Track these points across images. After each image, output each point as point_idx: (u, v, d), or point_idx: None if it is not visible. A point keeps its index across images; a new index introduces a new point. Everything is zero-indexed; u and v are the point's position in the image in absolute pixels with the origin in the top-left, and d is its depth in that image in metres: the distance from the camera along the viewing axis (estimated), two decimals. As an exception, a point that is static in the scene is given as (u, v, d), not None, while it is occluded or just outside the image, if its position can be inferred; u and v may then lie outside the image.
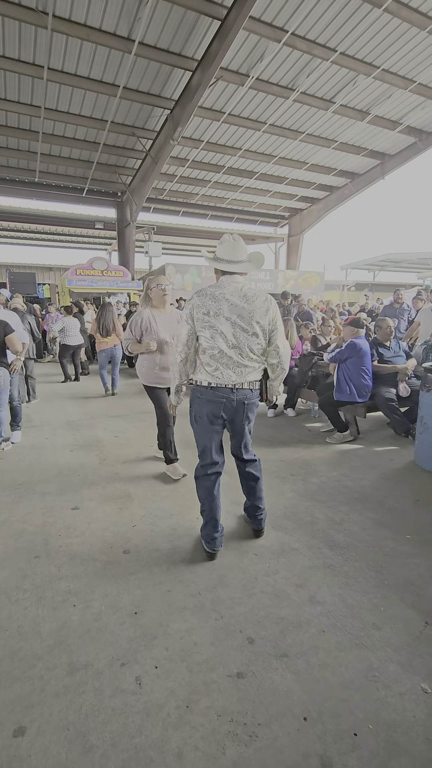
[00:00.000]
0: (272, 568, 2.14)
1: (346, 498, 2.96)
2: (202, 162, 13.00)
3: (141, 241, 16.35)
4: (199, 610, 1.84)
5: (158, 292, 3.23)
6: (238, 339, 2.08)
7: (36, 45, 7.58)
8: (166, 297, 3.25)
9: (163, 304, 3.29)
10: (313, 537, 2.45)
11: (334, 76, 9.48)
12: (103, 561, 2.19)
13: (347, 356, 4.06)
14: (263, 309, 2.11)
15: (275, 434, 4.46)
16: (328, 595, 1.95)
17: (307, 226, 17.42)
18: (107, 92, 8.93)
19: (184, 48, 8.09)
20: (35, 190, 13.03)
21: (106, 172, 12.69)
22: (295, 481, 3.23)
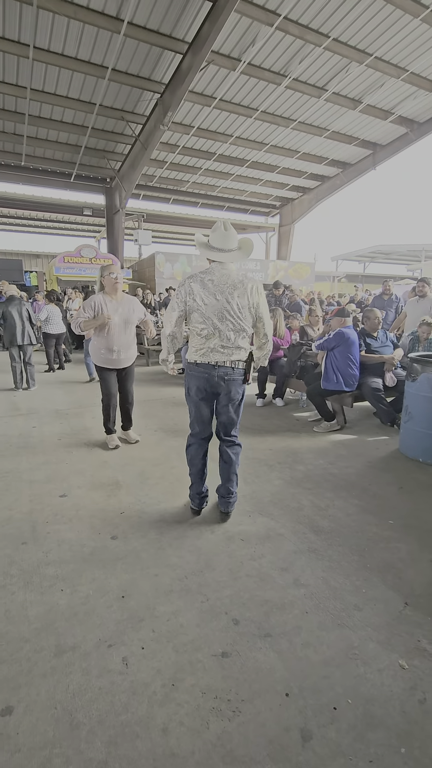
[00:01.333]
0: (258, 553, 2.18)
1: (332, 485, 3.02)
2: (193, 148, 12.81)
3: (130, 229, 16.14)
4: (186, 594, 1.87)
5: (110, 279, 3.52)
6: (225, 321, 2.25)
7: (21, 22, 7.33)
8: (117, 285, 3.56)
9: (115, 292, 3.57)
10: (298, 523, 2.50)
11: (327, 63, 9.37)
12: (90, 547, 2.20)
13: (334, 345, 4.10)
14: (249, 293, 2.28)
15: (263, 423, 4.50)
16: (311, 578, 2.00)
17: (298, 216, 17.36)
18: (95, 74, 8.70)
19: (175, 30, 7.91)
20: (22, 174, 12.72)
21: (95, 157, 12.44)
22: (282, 469, 3.27)
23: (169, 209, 17.19)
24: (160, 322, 8.89)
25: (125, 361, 3.68)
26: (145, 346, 8.47)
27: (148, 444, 3.85)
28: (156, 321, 8.92)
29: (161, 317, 9.27)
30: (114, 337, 3.51)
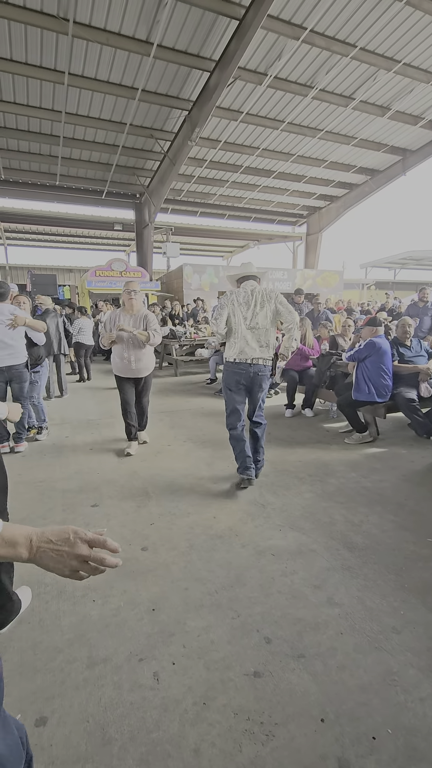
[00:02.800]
0: (290, 569, 2.13)
1: (366, 499, 2.92)
2: (220, 162, 13.00)
3: (159, 242, 16.48)
4: (216, 609, 1.84)
5: (125, 295, 3.77)
6: (254, 322, 3.01)
7: (57, 51, 7.72)
8: (132, 300, 3.75)
9: (131, 307, 3.78)
10: (331, 538, 2.42)
11: (354, 72, 9.33)
12: (121, 558, 2.22)
13: (366, 355, 4.01)
14: (268, 299, 3.06)
15: (293, 434, 4.43)
16: (346, 597, 1.93)
17: (326, 224, 17.22)
18: (126, 95, 9.03)
19: (202, 49, 8.11)
20: (56, 193, 13.30)
21: (125, 174, 12.84)
22: (313, 482, 3.20)
23: (197, 222, 17.46)
24: (189, 333, 8.98)
25: (139, 371, 3.81)
26: (173, 356, 8.58)
27: (177, 454, 3.86)
28: (185, 332, 9.02)
29: (189, 328, 9.38)
30: (126, 346, 3.73)
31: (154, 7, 6.97)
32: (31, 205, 14.46)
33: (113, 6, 6.88)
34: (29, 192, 13.08)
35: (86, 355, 7.86)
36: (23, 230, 17.50)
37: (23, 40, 7.42)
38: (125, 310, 3.81)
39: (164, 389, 7.02)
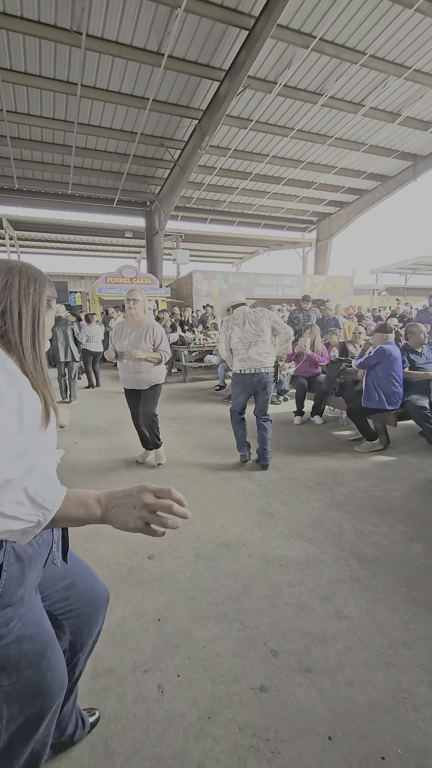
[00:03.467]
0: (297, 580, 2.10)
1: (375, 509, 2.87)
2: (230, 170, 13.10)
3: (169, 249, 16.62)
4: (223, 620, 1.82)
5: (127, 304, 3.54)
6: (252, 337, 3.47)
7: (70, 64, 7.89)
8: (131, 310, 3.52)
9: (132, 317, 3.54)
10: (339, 549, 2.38)
11: (364, 79, 9.35)
12: (128, 566, 2.21)
13: (376, 362, 3.96)
14: (261, 318, 3.51)
15: (302, 442, 4.39)
16: (355, 609, 1.89)
17: (336, 230, 17.20)
18: (137, 105, 9.17)
19: (212, 59, 8.22)
20: (68, 201, 13.53)
21: (136, 183, 13.01)
22: (321, 491, 3.16)
23: (207, 229, 17.59)
24: (198, 339, 9.01)
25: (138, 383, 3.58)
26: (182, 363, 8.60)
27: (185, 462, 3.85)
28: (194, 339, 9.04)
29: (198, 334, 9.40)
30: (127, 361, 3.56)
31: (165, 19, 7.08)
32: (43, 214, 14.74)
33: (125, 19, 7.01)
34: (42, 201, 13.33)
35: (94, 361, 7.92)
36: (36, 238, 17.81)
37: (38, 53, 7.60)
38: (128, 322, 3.59)
39: (173, 395, 7.04)
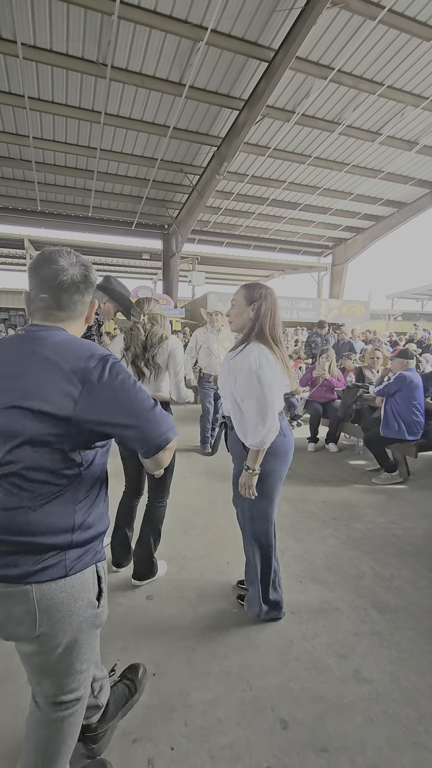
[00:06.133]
0: (310, 631, 1.88)
1: (396, 550, 2.64)
2: (247, 195, 13.30)
3: (185, 271, 16.83)
4: (225, 678, 1.61)
5: None
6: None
7: (95, 93, 8.19)
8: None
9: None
10: (358, 595, 2.16)
11: (381, 109, 9.46)
12: (124, 606, 2.03)
13: (396, 389, 3.77)
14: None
15: (316, 471, 4.17)
16: (376, 671, 1.66)
17: (352, 255, 17.20)
18: (158, 133, 9.42)
19: (232, 89, 8.43)
20: (89, 224, 13.88)
21: (155, 206, 13.29)
22: (337, 526, 2.94)
23: (223, 252, 17.80)
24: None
25: None
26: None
27: (191, 488, 3.67)
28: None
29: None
30: None
31: (188, 52, 7.31)
32: (64, 235, 15.13)
33: (149, 51, 7.27)
34: (64, 223, 13.70)
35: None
36: (56, 258, 18.24)
37: (65, 83, 7.91)
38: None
39: (182, 417, 6.89)
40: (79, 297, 1.04)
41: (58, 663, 0.96)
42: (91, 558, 0.98)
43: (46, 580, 0.89)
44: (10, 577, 0.87)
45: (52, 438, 0.88)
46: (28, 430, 0.87)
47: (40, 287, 1.00)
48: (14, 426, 0.87)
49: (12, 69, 7.46)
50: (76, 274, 1.02)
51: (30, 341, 0.94)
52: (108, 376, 0.92)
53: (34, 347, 0.93)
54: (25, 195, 12.34)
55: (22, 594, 0.87)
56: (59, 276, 0.99)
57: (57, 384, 0.88)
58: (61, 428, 0.88)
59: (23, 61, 7.10)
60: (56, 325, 1.01)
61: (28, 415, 0.87)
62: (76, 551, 0.94)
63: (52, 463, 0.90)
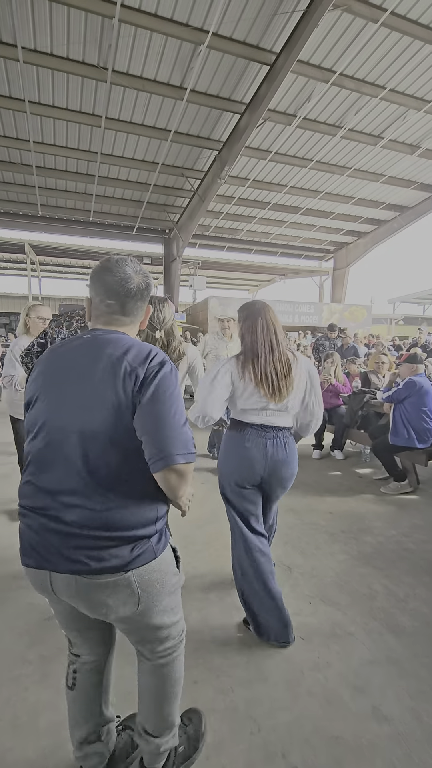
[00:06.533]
0: (323, 659, 1.74)
1: (410, 566, 2.49)
2: (248, 199, 13.25)
3: (186, 275, 16.77)
4: (231, 715, 1.47)
5: (38, 322, 3.04)
6: None
7: (96, 97, 8.14)
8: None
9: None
10: (371, 617, 2.02)
11: (383, 112, 9.41)
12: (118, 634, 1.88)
13: (405, 396, 3.64)
14: None
15: (321, 480, 4.03)
16: (396, 706, 1.52)
17: (353, 259, 17.13)
18: (159, 137, 9.38)
19: (234, 93, 8.38)
20: (89, 228, 13.83)
21: (155, 211, 13.25)
22: (346, 540, 2.80)
23: (224, 256, 17.75)
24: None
25: None
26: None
27: (194, 499, 3.52)
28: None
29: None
30: None
31: (189, 55, 7.27)
32: (65, 240, 15.10)
33: (150, 55, 7.22)
34: (64, 227, 13.66)
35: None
36: (56, 263, 18.25)
37: (65, 87, 7.86)
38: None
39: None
40: (141, 304, 1.13)
41: (156, 625, 1.10)
42: (167, 537, 1.12)
43: (142, 564, 1.01)
44: (115, 568, 0.97)
45: (122, 436, 0.97)
46: (108, 428, 0.96)
47: (107, 294, 1.08)
48: (96, 424, 0.96)
49: (12, 73, 7.42)
50: (141, 282, 1.11)
51: (100, 344, 1.03)
52: (155, 384, 0.97)
53: (104, 349, 1.01)
54: (26, 199, 12.30)
55: (125, 581, 0.99)
56: (126, 284, 1.07)
57: (118, 380, 0.97)
58: (126, 426, 0.97)
59: (24, 65, 7.06)
60: (119, 330, 1.10)
61: (105, 412, 0.96)
62: (157, 536, 1.06)
63: (134, 461, 0.99)
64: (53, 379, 1.03)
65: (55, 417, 0.99)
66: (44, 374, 1.05)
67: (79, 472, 0.96)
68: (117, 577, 0.97)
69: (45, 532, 0.97)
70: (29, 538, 1.00)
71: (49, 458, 0.99)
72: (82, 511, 0.96)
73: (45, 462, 1.00)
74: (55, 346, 1.10)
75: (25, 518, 1.02)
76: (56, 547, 0.96)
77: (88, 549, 0.96)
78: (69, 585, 0.98)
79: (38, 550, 0.98)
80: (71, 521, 0.96)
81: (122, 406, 0.96)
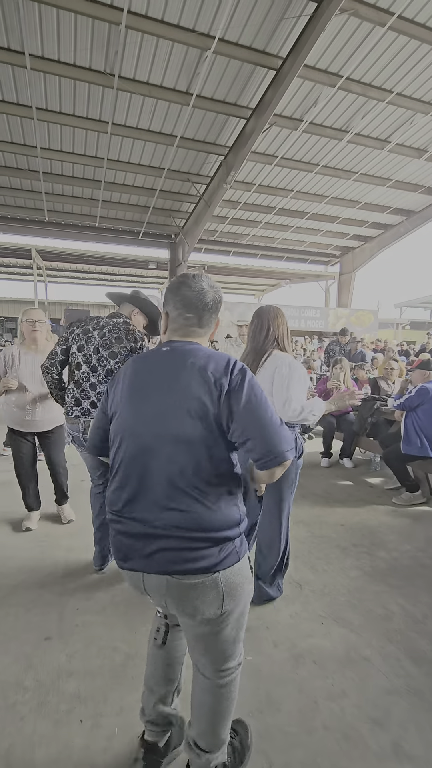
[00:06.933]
0: (337, 688, 1.63)
1: (427, 583, 2.37)
2: (254, 204, 13.22)
3: (191, 281, 16.72)
4: (241, 751, 1.37)
5: (27, 326, 2.86)
6: None
7: (102, 103, 8.15)
8: (36, 333, 2.86)
9: (34, 342, 2.90)
10: (388, 640, 1.90)
11: (390, 116, 9.35)
12: (123, 653, 1.79)
13: (418, 403, 3.53)
14: None
15: (331, 490, 3.92)
16: (419, 743, 1.41)
17: (360, 264, 17.03)
18: (165, 142, 9.37)
19: (240, 98, 8.36)
20: (96, 233, 13.87)
21: (161, 216, 13.25)
22: (359, 555, 2.68)
23: (230, 261, 17.72)
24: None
25: (44, 423, 2.90)
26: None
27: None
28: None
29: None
30: (27, 391, 2.81)
31: (195, 61, 7.25)
32: (71, 245, 15.14)
33: (156, 61, 7.22)
34: (71, 233, 13.71)
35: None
36: (62, 268, 18.31)
37: (72, 94, 7.88)
38: (26, 347, 2.93)
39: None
40: (214, 316, 1.24)
41: (228, 634, 1.12)
42: (245, 543, 1.14)
43: (228, 566, 1.05)
44: (204, 569, 1.02)
45: (209, 443, 1.03)
46: (196, 434, 1.02)
47: (186, 308, 1.16)
48: (183, 430, 1.02)
49: (20, 80, 7.44)
50: (215, 296, 1.21)
51: (182, 354, 1.10)
52: (245, 391, 1.04)
53: (186, 360, 1.08)
54: (33, 205, 12.35)
55: (212, 582, 1.03)
56: (204, 298, 1.17)
57: (204, 389, 1.03)
58: (213, 433, 1.03)
59: (31, 71, 7.08)
60: (195, 341, 1.17)
61: (192, 420, 1.02)
62: (239, 539, 1.10)
63: (220, 465, 1.05)
64: (138, 391, 1.11)
65: (142, 426, 1.06)
66: (128, 386, 1.14)
67: (169, 477, 1.03)
68: (205, 577, 1.02)
69: (137, 536, 1.05)
70: (121, 542, 1.08)
71: (137, 465, 1.06)
72: (173, 514, 1.02)
73: (134, 469, 1.07)
74: (137, 359, 1.20)
75: (117, 524, 1.09)
76: (148, 549, 1.03)
77: (178, 550, 1.02)
78: (160, 585, 1.05)
79: (131, 553, 1.06)
80: (163, 524, 1.02)
81: (209, 414, 1.02)
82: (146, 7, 6.18)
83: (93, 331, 2.25)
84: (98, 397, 2.24)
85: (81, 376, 2.24)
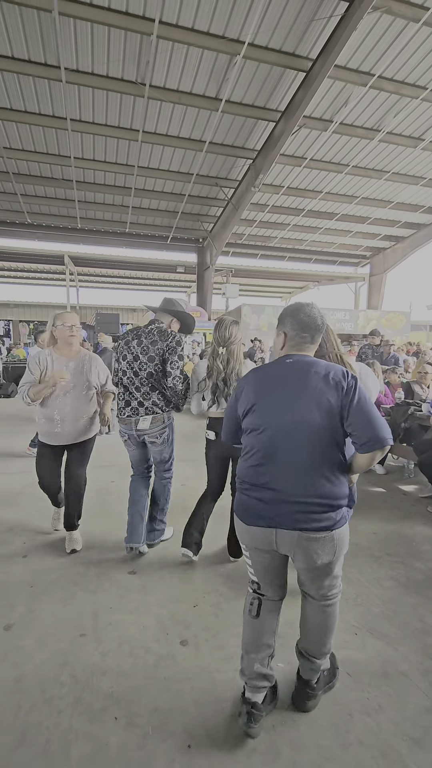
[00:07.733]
0: (373, 702, 1.58)
1: (467, 598, 2.27)
2: (282, 206, 13.16)
3: (219, 283, 16.81)
4: (274, 760, 1.35)
5: (63, 331, 2.63)
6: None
7: (134, 112, 8.35)
8: (73, 338, 2.66)
9: (69, 347, 2.68)
10: (426, 656, 1.83)
11: (424, 114, 9.09)
12: (155, 654, 1.80)
13: (455, 409, 3.39)
14: None
15: (363, 497, 3.81)
16: (461, 765, 1.35)
17: (391, 265, 16.61)
18: (194, 148, 9.49)
19: (269, 101, 8.36)
20: (125, 239, 14.20)
21: (190, 221, 13.40)
22: (393, 565, 2.60)
23: (257, 264, 17.68)
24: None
25: (70, 436, 2.68)
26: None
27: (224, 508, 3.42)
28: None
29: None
30: (55, 402, 2.61)
31: (225, 66, 7.32)
32: (101, 251, 15.54)
33: (186, 68, 7.33)
34: (102, 239, 14.10)
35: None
36: (93, 273, 18.82)
37: (104, 104, 8.12)
38: (59, 351, 2.69)
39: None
40: (322, 335, 1.56)
41: (335, 574, 1.47)
42: (350, 510, 1.46)
43: (341, 526, 1.39)
44: (327, 527, 1.35)
45: (332, 431, 1.36)
46: (323, 424, 1.35)
47: (303, 329, 1.49)
48: (314, 420, 1.35)
49: (56, 93, 7.74)
50: (323, 321, 1.52)
51: (305, 364, 1.44)
52: (357, 392, 1.35)
53: (310, 368, 1.42)
54: (66, 213, 12.78)
55: (331, 537, 1.37)
56: (317, 321, 1.50)
57: (329, 390, 1.36)
58: (335, 423, 1.35)
59: (66, 84, 7.35)
60: (308, 354, 1.51)
61: (321, 412, 1.35)
62: (345, 508, 1.41)
63: (338, 448, 1.38)
64: (270, 391, 1.44)
65: (278, 417, 1.39)
66: (257, 388, 1.48)
67: (299, 457, 1.36)
68: (327, 533, 1.36)
69: (273, 502, 1.38)
70: (257, 507, 1.42)
71: (275, 447, 1.39)
72: (305, 486, 1.35)
73: (272, 450, 1.39)
74: (256, 370, 1.56)
75: (254, 492, 1.43)
76: (284, 511, 1.36)
77: (308, 513, 1.35)
78: (291, 539, 1.37)
79: (267, 515, 1.39)
80: (295, 492, 1.36)
81: (333, 409, 1.35)
82: (177, 16, 6.30)
83: (132, 341, 2.56)
84: (143, 397, 2.53)
85: (127, 381, 2.56)
